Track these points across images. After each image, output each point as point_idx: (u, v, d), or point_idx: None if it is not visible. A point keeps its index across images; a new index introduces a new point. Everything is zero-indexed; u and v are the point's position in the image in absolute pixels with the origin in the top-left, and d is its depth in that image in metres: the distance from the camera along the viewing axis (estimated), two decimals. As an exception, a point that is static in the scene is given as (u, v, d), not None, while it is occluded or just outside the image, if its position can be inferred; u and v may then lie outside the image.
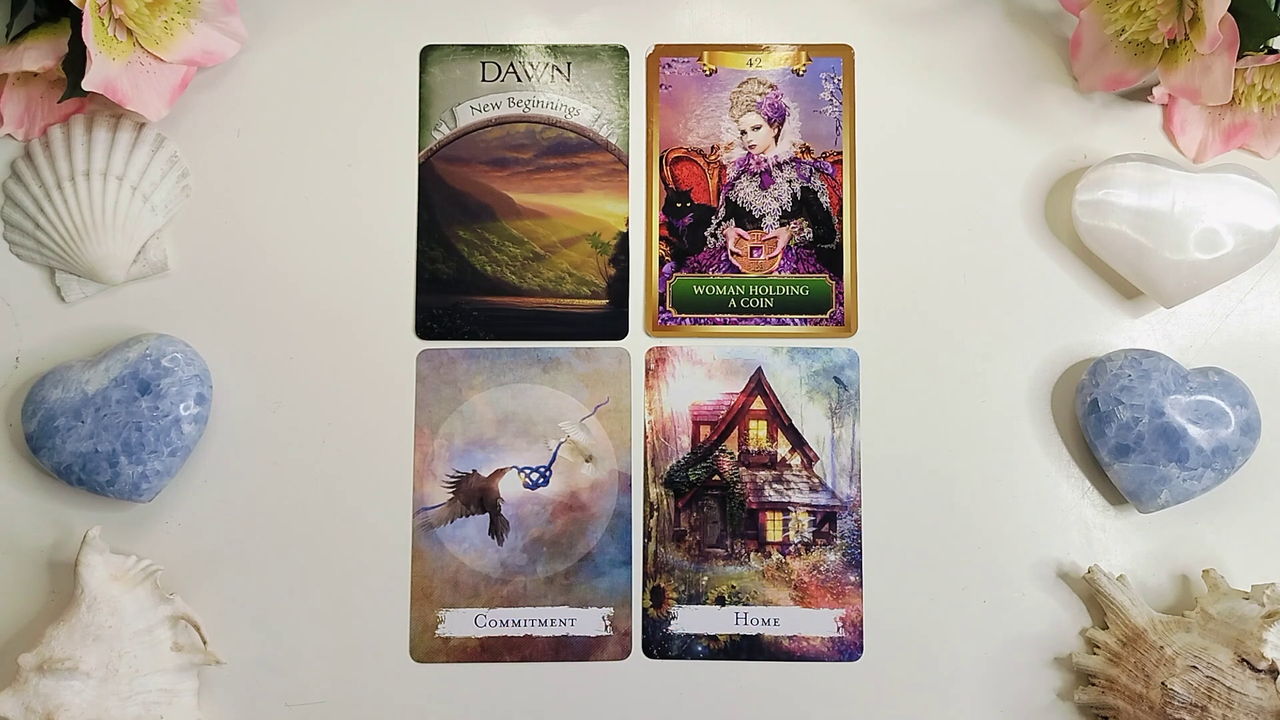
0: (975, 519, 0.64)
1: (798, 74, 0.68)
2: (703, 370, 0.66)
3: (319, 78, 0.68)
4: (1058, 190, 0.67)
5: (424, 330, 0.66)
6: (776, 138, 0.67)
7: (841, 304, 0.66)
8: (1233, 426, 0.62)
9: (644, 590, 0.64)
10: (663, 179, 0.67)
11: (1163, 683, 0.58)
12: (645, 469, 0.65)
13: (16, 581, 0.63)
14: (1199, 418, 0.62)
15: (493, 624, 0.64)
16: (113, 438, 0.61)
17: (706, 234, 0.67)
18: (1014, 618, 0.64)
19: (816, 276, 0.66)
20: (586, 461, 0.65)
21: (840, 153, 0.67)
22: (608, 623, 0.64)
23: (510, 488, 0.65)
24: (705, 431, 0.65)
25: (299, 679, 0.63)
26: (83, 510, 0.64)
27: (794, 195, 0.67)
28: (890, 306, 0.66)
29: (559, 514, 0.64)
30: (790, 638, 0.64)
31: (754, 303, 0.66)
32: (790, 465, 0.65)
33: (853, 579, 0.64)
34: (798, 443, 0.65)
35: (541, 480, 0.65)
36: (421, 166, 0.67)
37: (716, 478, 0.65)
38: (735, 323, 0.66)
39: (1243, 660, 0.57)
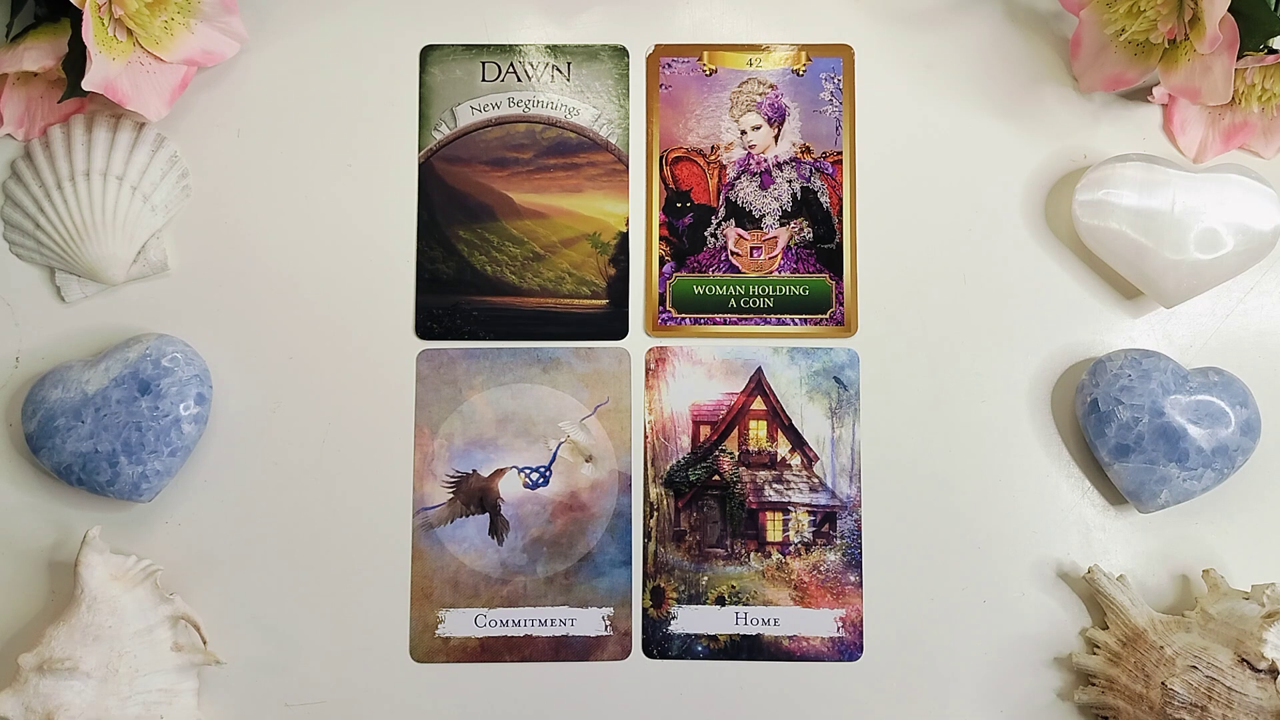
0: (975, 519, 0.64)
1: (798, 74, 0.68)
2: (703, 370, 0.66)
3: (319, 78, 0.68)
4: (1058, 190, 0.67)
5: (424, 330, 0.66)
6: (776, 138, 0.67)
7: (841, 304, 0.66)
8: (1233, 426, 0.62)
9: (644, 590, 0.64)
10: (663, 179, 0.67)
11: (1163, 683, 0.58)
12: (645, 469, 0.65)
13: (16, 581, 0.63)
14: (1199, 418, 0.62)
15: (493, 624, 0.64)
16: (113, 438, 0.61)
17: (706, 234, 0.67)
18: (1014, 618, 0.64)
19: (816, 276, 0.66)
20: (586, 461, 0.65)
21: (840, 153, 0.67)
22: (608, 623, 0.64)
23: (510, 488, 0.65)
24: (705, 431, 0.65)
25: (299, 679, 0.63)
26: (83, 510, 0.64)
27: (794, 195, 0.67)
28: (890, 306, 0.66)
29: (559, 514, 0.64)
30: (790, 638, 0.64)
31: (754, 303, 0.66)
32: (790, 465, 0.65)
33: (853, 579, 0.64)
34: (798, 443, 0.65)
35: (541, 480, 0.65)
36: (421, 166, 0.67)
37: (716, 478, 0.65)
38: (735, 323, 0.66)
39: (1243, 660, 0.57)
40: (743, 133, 0.67)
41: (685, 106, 0.68)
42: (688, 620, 0.64)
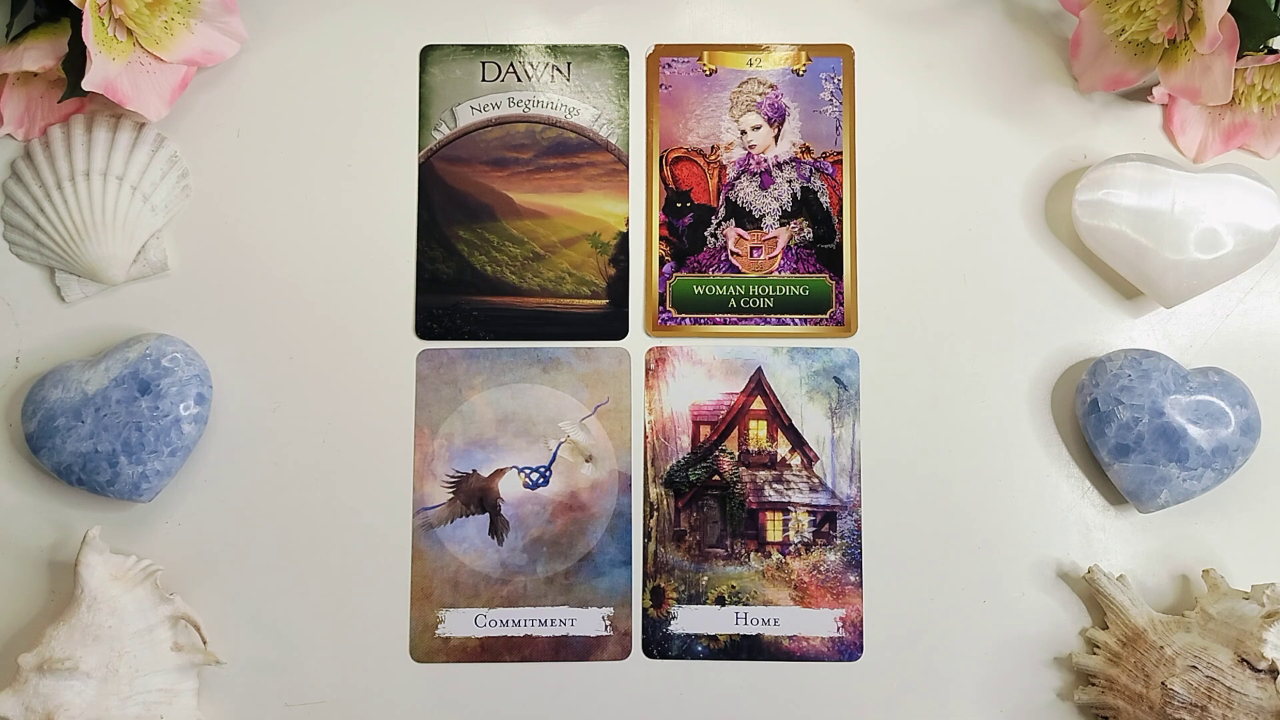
0: (975, 519, 0.64)
1: (798, 74, 0.68)
2: (703, 370, 0.66)
3: (319, 78, 0.68)
4: (1058, 190, 0.67)
5: (424, 330, 0.66)
6: (776, 138, 0.67)
7: (841, 304, 0.66)
8: (1233, 426, 0.62)
9: (644, 590, 0.64)
10: (663, 179, 0.67)
11: (1163, 683, 0.58)
12: (645, 469, 0.65)
13: (16, 581, 0.63)
14: (1199, 418, 0.62)
15: (493, 624, 0.64)
16: (113, 438, 0.61)
17: (706, 234, 0.67)
18: (1014, 618, 0.64)
19: (816, 276, 0.66)
20: (586, 461, 0.65)
21: (840, 153, 0.67)
22: (608, 623, 0.64)
23: (510, 488, 0.65)
24: (705, 431, 0.65)
25: (299, 679, 0.63)
26: (83, 510, 0.64)
27: (794, 195, 0.67)
28: (890, 306, 0.66)
29: (559, 514, 0.64)
30: (790, 638, 0.64)
31: (754, 303, 0.66)
32: (790, 465, 0.65)
33: (853, 579, 0.64)
34: (798, 443, 0.65)
35: (541, 480, 0.65)
36: (421, 166, 0.67)
37: (716, 478, 0.65)
38: (735, 323, 0.66)
39: (1243, 660, 0.57)
40: (743, 133, 0.67)
41: (685, 106, 0.68)
42: (688, 620, 0.64)
